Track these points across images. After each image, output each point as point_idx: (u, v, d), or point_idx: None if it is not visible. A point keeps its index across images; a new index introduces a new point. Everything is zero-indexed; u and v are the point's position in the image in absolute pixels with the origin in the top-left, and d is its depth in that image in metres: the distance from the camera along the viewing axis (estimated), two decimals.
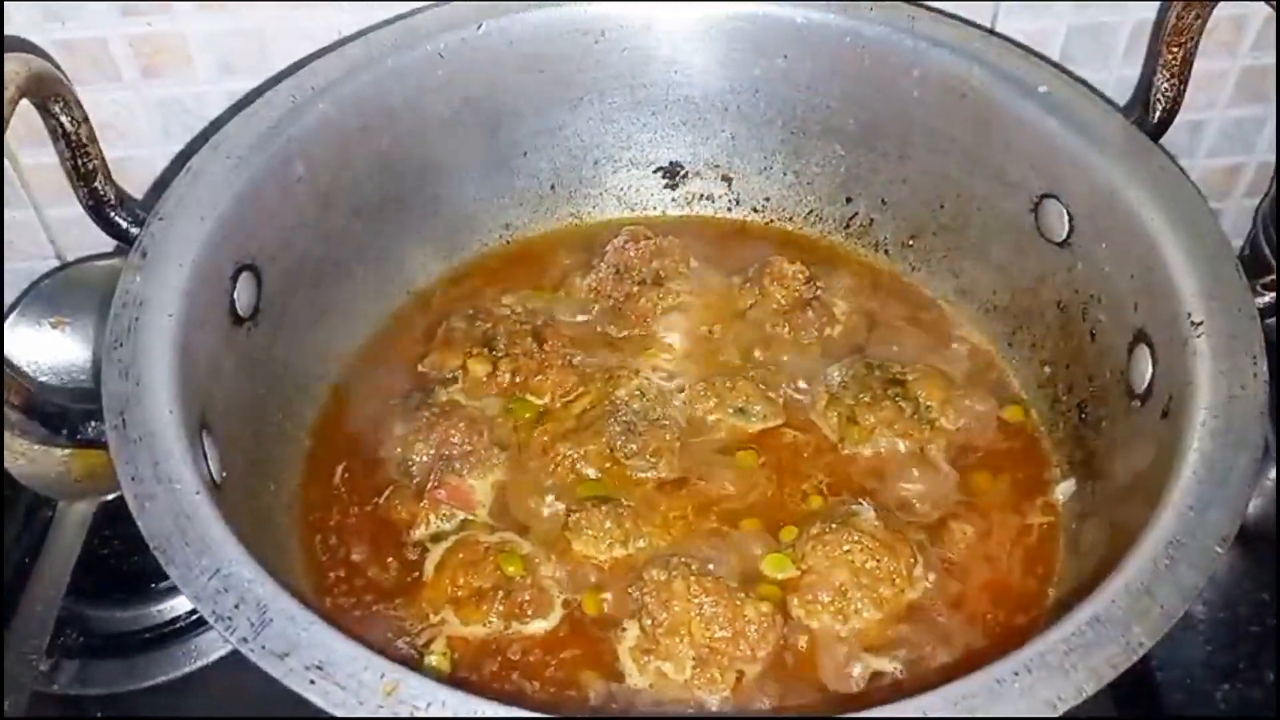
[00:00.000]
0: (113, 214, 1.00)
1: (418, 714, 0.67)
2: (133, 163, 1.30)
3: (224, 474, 0.91)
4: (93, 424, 0.86)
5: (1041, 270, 1.15)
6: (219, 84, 1.26)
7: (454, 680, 0.94)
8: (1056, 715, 0.68)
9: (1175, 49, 1.06)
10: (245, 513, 0.93)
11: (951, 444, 1.12)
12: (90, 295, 1.24)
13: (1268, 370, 0.88)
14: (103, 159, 0.99)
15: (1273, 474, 1.29)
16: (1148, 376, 0.98)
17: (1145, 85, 1.10)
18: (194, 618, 1.16)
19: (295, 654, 0.70)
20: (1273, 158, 1.46)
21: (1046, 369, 1.16)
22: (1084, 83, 1.12)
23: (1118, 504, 0.97)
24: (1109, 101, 1.11)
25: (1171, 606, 0.74)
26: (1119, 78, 1.36)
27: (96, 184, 0.98)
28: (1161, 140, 1.09)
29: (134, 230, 0.99)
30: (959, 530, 1.06)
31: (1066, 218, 1.10)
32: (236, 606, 0.73)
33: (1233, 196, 1.53)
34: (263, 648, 0.71)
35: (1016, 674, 0.70)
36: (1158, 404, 0.95)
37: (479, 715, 0.68)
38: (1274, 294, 0.94)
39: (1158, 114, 1.08)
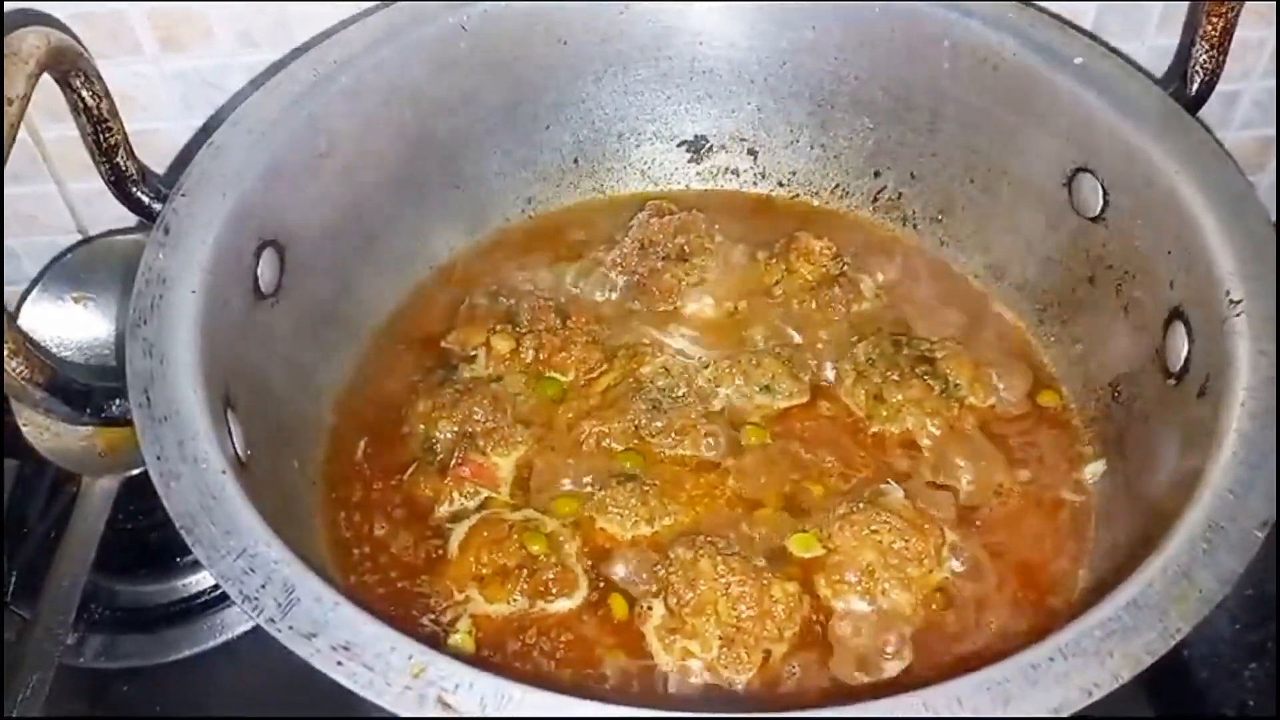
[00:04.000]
0: (134, 189, 1.00)
1: (446, 695, 0.67)
2: (153, 135, 1.30)
3: (249, 451, 0.91)
4: (117, 402, 0.86)
5: (1074, 246, 1.13)
6: (240, 56, 1.25)
7: (481, 661, 0.94)
8: (1092, 701, 0.67)
9: (1216, 19, 1.03)
10: (269, 490, 0.92)
11: (981, 422, 1.11)
12: (112, 270, 1.25)
13: None
14: (124, 133, 0.98)
15: None
16: (1184, 355, 0.96)
17: (1183, 56, 1.08)
18: (219, 592, 1.17)
19: (322, 634, 0.70)
20: None
21: (1079, 346, 1.14)
22: (1120, 54, 1.10)
23: (1151, 485, 0.95)
24: (1146, 73, 1.09)
25: (1210, 591, 0.73)
26: (1153, 48, 1.33)
27: (118, 159, 0.98)
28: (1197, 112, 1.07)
29: (156, 206, 0.99)
30: (988, 510, 1.05)
31: (1101, 192, 1.08)
32: (263, 587, 0.73)
33: (1266, 169, 1.50)
34: (290, 628, 0.70)
35: (1052, 659, 0.69)
36: (1194, 383, 0.93)
37: (507, 696, 0.67)
38: None
39: (1196, 86, 1.07)
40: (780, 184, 1.34)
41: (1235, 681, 1.11)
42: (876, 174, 1.29)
